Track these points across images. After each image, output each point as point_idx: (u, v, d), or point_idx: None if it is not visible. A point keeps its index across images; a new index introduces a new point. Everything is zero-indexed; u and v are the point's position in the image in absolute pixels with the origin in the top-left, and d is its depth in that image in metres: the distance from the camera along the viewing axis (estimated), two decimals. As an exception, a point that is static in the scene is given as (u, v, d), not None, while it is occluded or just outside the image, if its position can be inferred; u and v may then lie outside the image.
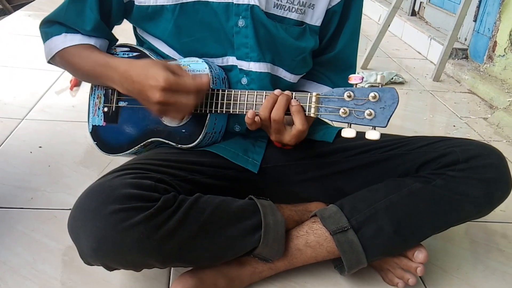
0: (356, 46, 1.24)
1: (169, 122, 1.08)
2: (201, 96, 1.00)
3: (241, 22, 1.07)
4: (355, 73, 1.25)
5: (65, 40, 1.13)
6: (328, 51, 1.21)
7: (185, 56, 1.12)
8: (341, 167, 1.16)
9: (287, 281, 1.13)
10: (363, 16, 1.25)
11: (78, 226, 0.92)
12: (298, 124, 0.99)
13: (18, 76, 2.25)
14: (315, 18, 1.14)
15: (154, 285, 1.09)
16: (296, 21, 1.12)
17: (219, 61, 1.12)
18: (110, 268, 0.96)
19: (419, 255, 1.08)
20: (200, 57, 1.11)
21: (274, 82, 1.14)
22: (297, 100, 0.98)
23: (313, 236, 1.08)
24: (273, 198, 1.11)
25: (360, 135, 0.94)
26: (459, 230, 1.36)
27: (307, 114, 0.99)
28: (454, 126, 2.15)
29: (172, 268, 1.13)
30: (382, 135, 0.94)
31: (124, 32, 1.31)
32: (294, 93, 0.99)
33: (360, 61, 2.79)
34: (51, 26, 1.15)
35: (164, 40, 1.12)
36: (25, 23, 3.09)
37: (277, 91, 1.00)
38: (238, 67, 1.11)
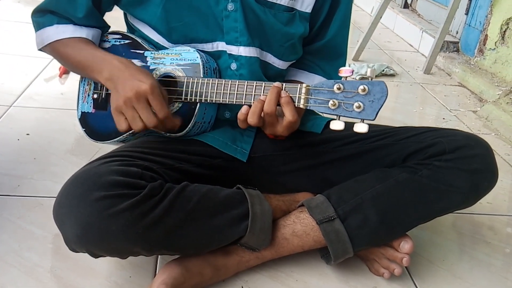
0: (347, 34, 1.23)
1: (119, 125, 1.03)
2: (162, 125, 1.00)
3: (230, 6, 1.07)
4: (345, 62, 1.26)
5: (57, 32, 1.12)
6: (318, 39, 1.21)
7: (174, 43, 1.11)
8: (329, 158, 1.16)
9: (274, 270, 1.13)
10: (355, 8, 1.26)
11: (63, 212, 0.92)
12: (289, 115, 0.99)
13: (6, 63, 2.23)
14: (306, 4, 1.13)
15: (140, 273, 1.09)
16: (286, 7, 1.11)
17: (209, 47, 1.11)
18: (95, 255, 0.96)
19: (405, 245, 1.09)
20: (189, 42, 1.10)
21: (263, 68, 1.14)
22: (286, 92, 0.98)
23: (300, 225, 1.08)
24: (261, 188, 1.11)
25: (348, 125, 0.94)
26: (446, 221, 1.37)
27: (296, 105, 0.98)
28: (443, 118, 2.16)
29: (158, 256, 1.13)
30: (370, 126, 0.94)
31: (116, 20, 1.30)
32: (284, 84, 0.99)
33: (351, 53, 2.79)
34: (43, 15, 1.14)
35: (153, 25, 1.11)
36: (14, 9, 3.05)
37: (263, 97, 0.99)
38: (228, 52, 1.10)
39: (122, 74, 1.00)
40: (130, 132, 1.13)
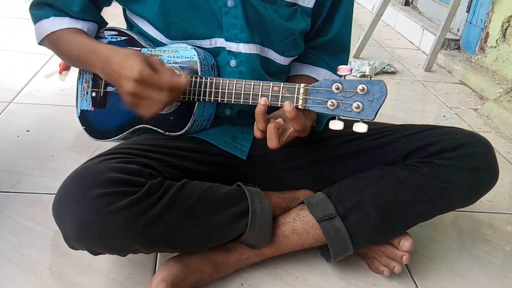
0: (350, 29, 1.23)
1: (142, 114, 1.02)
2: (175, 94, 0.98)
3: (230, 2, 1.06)
4: (349, 56, 1.26)
5: (53, 24, 1.11)
6: (322, 35, 1.21)
7: (172, 39, 1.11)
8: (329, 155, 1.16)
9: (274, 267, 1.13)
10: (356, 5, 1.26)
11: (62, 210, 0.92)
12: (296, 126, 0.96)
13: (6, 59, 2.22)
14: None
15: (140, 270, 1.09)
16: (289, 3, 1.11)
17: (207, 43, 1.11)
18: (94, 253, 0.96)
19: (405, 243, 1.08)
20: (187, 38, 1.09)
21: (264, 64, 1.13)
22: (267, 99, 0.96)
23: (300, 223, 1.08)
24: (261, 185, 1.11)
25: (349, 123, 0.94)
26: (446, 219, 1.37)
27: (294, 105, 0.95)
28: (444, 116, 2.16)
29: (158, 254, 1.13)
30: (371, 123, 0.93)
31: (116, 16, 1.30)
32: (282, 83, 0.98)
33: (352, 50, 2.78)
34: (40, 8, 1.13)
35: (151, 21, 1.11)
36: (14, 5, 3.04)
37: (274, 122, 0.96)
38: (227, 49, 1.10)
39: (111, 68, 0.99)
40: (130, 130, 1.13)
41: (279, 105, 0.97)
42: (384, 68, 2.58)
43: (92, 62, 1.05)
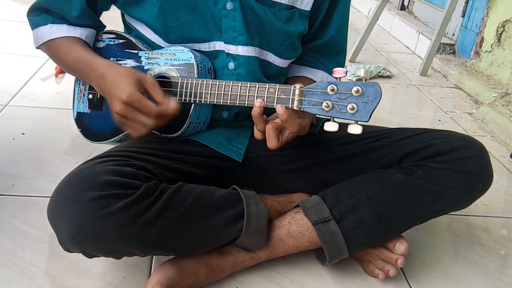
0: (346, 31, 1.25)
1: (129, 134, 1.03)
2: (162, 121, 0.98)
3: (229, 5, 1.06)
4: (345, 57, 1.27)
5: (51, 32, 1.11)
6: (319, 37, 1.22)
7: (171, 43, 1.11)
8: (325, 158, 1.17)
9: (269, 271, 1.13)
10: (352, 9, 1.26)
11: (57, 212, 0.91)
12: (290, 128, 0.97)
13: (2, 62, 2.22)
14: (305, 2, 1.13)
15: (135, 273, 1.08)
16: (287, 6, 1.12)
17: (206, 46, 1.11)
18: (89, 255, 0.96)
19: (400, 246, 1.09)
20: (186, 42, 1.10)
21: (262, 67, 1.14)
22: (262, 101, 0.97)
23: (295, 226, 1.08)
24: (257, 188, 1.11)
25: (344, 126, 0.94)
26: (441, 223, 1.38)
27: (290, 107, 0.96)
28: (439, 120, 2.16)
29: (153, 257, 1.13)
30: (366, 127, 0.94)
31: (113, 20, 1.30)
32: (278, 85, 0.98)
33: (348, 54, 2.77)
34: (38, 15, 1.13)
35: (150, 25, 1.11)
36: (11, 8, 3.04)
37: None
38: (226, 51, 1.10)
39: (105, 85, 1.00)
40: (125, 132, 1.13)
41: (275, 107, 0.97)
42: (379, 72, 2.59)
43: (88, 75, 1.06)
